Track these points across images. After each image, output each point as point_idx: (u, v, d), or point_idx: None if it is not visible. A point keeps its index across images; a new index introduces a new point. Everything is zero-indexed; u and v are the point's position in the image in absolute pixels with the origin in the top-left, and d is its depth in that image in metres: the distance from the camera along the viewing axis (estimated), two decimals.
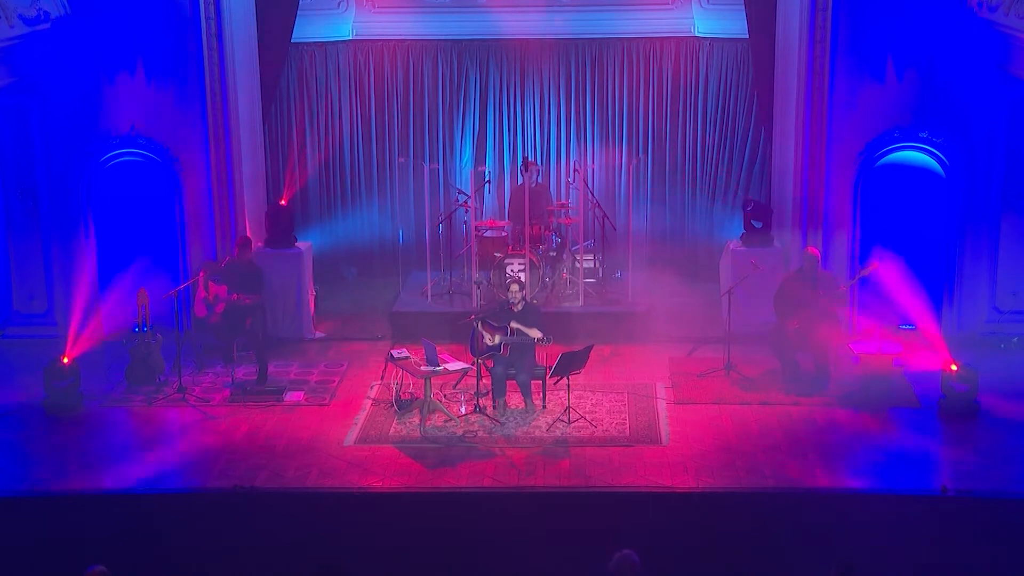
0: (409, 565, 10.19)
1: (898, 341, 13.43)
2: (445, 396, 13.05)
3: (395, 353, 12.93)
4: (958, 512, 10.44)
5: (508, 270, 15.00)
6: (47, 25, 14.21)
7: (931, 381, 12.97)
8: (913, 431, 12.35)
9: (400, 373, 12.95)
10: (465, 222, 16.00)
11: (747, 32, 15.53)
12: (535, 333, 12.56)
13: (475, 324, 12.74)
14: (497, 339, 12.59)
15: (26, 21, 14.07)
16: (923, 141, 14.42)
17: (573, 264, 15.69)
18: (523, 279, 14.60)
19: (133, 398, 13.31)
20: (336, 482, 11.25)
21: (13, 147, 14.74)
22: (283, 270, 15.06)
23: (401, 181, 17.25)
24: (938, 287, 14.67)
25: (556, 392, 12.84)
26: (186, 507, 10.81)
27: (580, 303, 15.24)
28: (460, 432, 12.28)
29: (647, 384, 13.53)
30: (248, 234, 14.83)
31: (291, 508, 10.81)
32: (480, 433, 12.26)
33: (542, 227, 15.60)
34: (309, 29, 16.42)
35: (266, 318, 14.34)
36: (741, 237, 15.29)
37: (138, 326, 13.75)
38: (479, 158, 17.11)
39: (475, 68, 17.10)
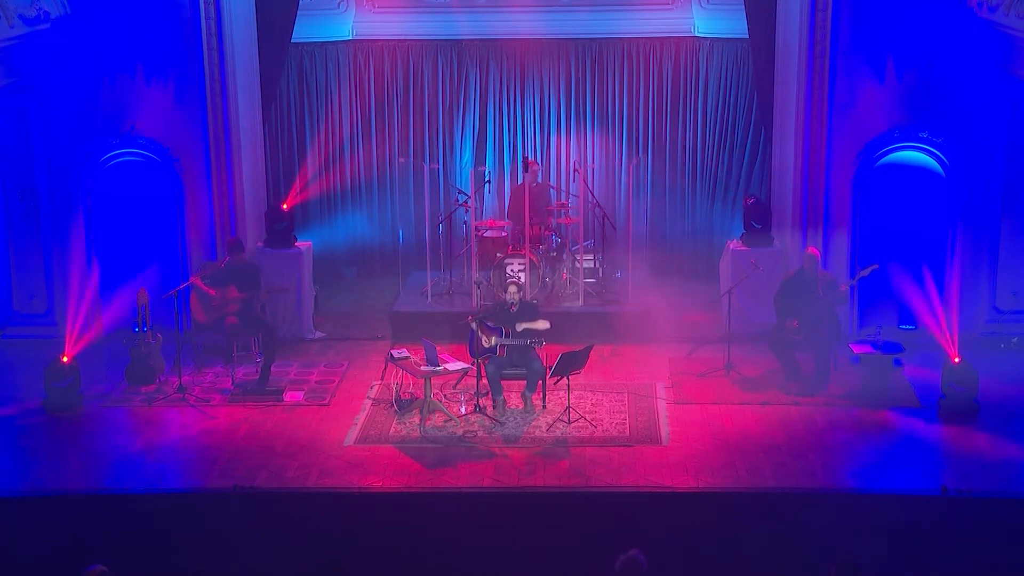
0: (409, 565, 10.19)
1: (898, 341, 13.43)
2: (445, 396, 13.05)
3: (395, 353, 12.93)
4: (958, 512, 10.44)
5: (508, 270, 15.00)
6: (47, 25, 14.21)
7: (931, 381, 12.98)
8: (913, 431, 12.35)
9: (400, 373, 12.95)
10: (465, 222, 15.99)
11: (747, 32, 15.53)
12: (542, 324, 12.57)
13: (473, 325, 12.74)
14: (494, 340, 12.59)
15: (26, 21, 14.07)
16: (923, 141, 14.42)
17: (573, 264, 15.69)
18: (522, 279, 14.61)
19: (133, 398, 13.31)
20: (336, 482, 11.25)
21: (13, 147, 14.74)
22: (283, 270, 15.06)
23: (401, 181, 17.25)
24: (938, 287, 14.66)
25: (556, 392, 12.84)
26: (186, 507, 10.81)
27: (580, 303, 15.24)
28: (460, 432, 12.28)
29: (647, 384, 13.52)
30: (240, 235, 14.79)
31: (291, 508, 10.81)
32: (480, 433, 12.26)
33: (542, 227, 15.59)
34: (309, 29, 16.41)
35: (268, 315, 14.38)
36: (741, 237, 15.29)
37: (138, 326, 13.75)
38: (479, 158, 17.10)
39: (475, 68, 17.09)
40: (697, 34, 16.73)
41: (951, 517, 10.40)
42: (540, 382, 12.71)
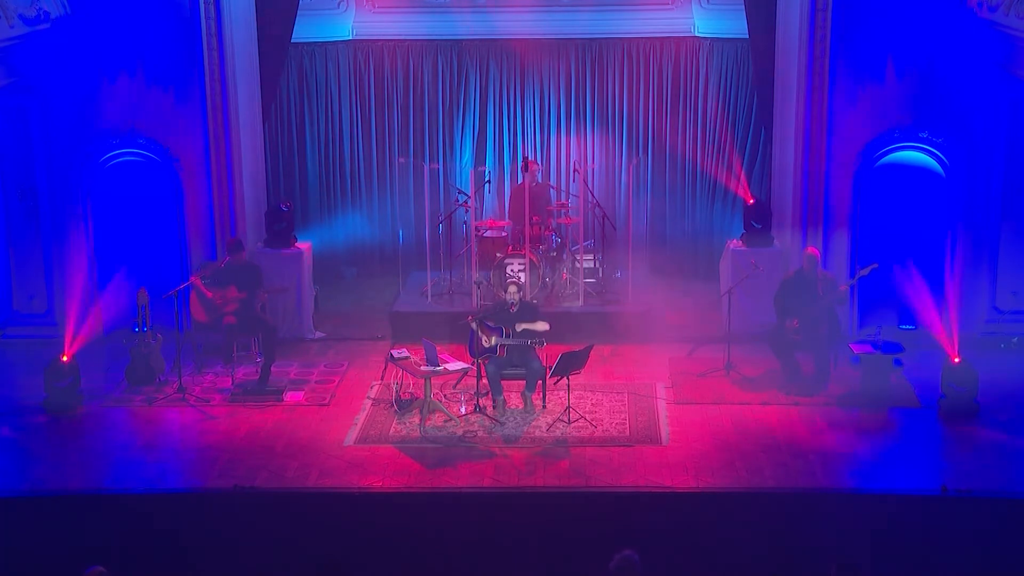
0: (409, 565, 10.20)
1: (898, 341, 13.43)
2: (445, 396, 13.04)
3: (395, 353, 12.93)
4: (958, 512, 10.45)
5: (508, 270, 15.00)
6: (47, 25, 14.21)
7: (931, 381, 12.97)
8: (913, 431, 12.35)
9: (400, 373, 12.95)
10: (465, 222, 15.99)
11: (747, 32, 15.52)
12: (541, 326, 12.56)
13: (473, 325, 12.74)
14: (494, 340, 12.59)
15: (26, 21, 14.07)
16: (923, 141, 14.42)
17: (573, 264, 15.69)
18: (522, 279, 14.62)
19: (133, 398, 13.31)
20: (336, 482, 11.25)
21: (13, 147, 14.73)
22: (283, 270, 15.06)
23: (401, 181, 17.24)
24: (938, 287, 14.67)
25: (556, 392, 12.84)
26: (186, 507, 10.81)
27: (580, 303, 15.24)
28: (460, 432, 12.28)
29: (647, 384, 13.52)
30: (240, 235, 14.79)
31: (291, 508, 10.81)
32: (480, 433, 12.26)
33: (542, 227, 15.59)
34: (309, 29, 16.41)
35: (268, 316, 14.38)
36: (741, 237, 15.30)
37: (138, 326, 13.75)
38: (479, 158, 17.10)
39: (475, 68, 17.09)
40: (697, 34, 16.73)
41: (951, 517, 10.40)
42: (540, 382, 12.71)
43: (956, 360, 12.60)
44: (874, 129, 14.45)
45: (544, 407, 12.76)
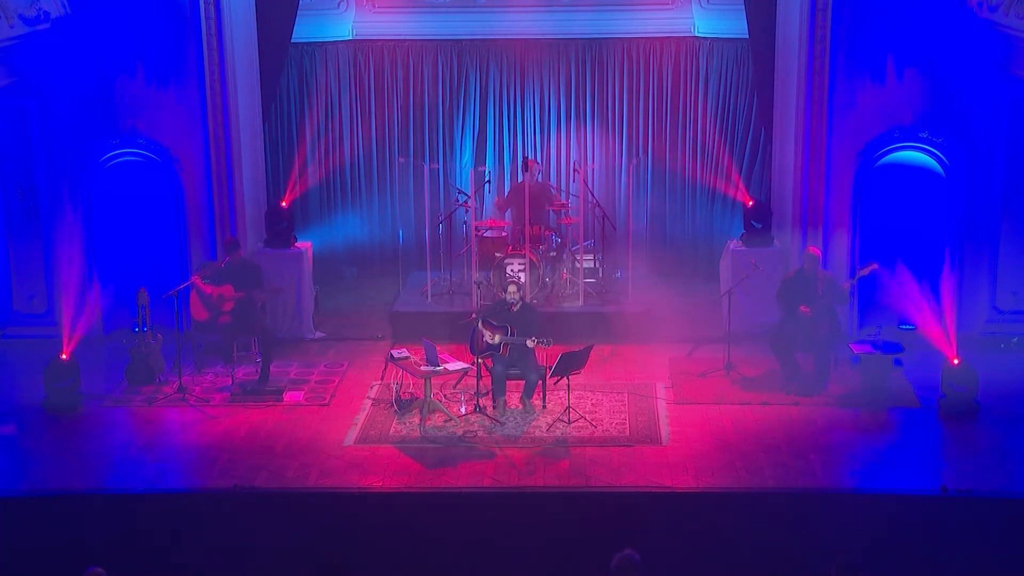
0: (408, 565, 10.20)
1: (898, 341, 13.43)
2: (445, 396, 13.04)
3: (395, 353, 12.93)
4: (958, 512, 10.45)
5: (508, 270, 14.99)
6: (47, 25, 14.21)
7: (931, 381, 12.97)
8: (913, 431, 12.36)
9: (400, 373, 12.95)
10: (465, 222, 15.98)
11: (747, 32, 15.52)
12: (530, 343, 12.51)
13: (476, 322, 12.73)
14: (497, 338, 12.58)
15: (26, 21, 14.07)
16: (923, 141, 14.42)
17: (573, 264, 15.69)
18: (523, 279, 14.62)
19: (133, 398, 13.31)
20: (336, 482, 11.25)
21: (13, 147, 14.74)
22: (283, 270, 15.06)
23: (401, 181, 17.24)
24: (938, 287, 14.66)
25: (556, 392, 12.84)
26: (186, 507, 10.81)
27: (580, 303, 15.24)
28: (460, 432, 12.28)
29: (647, 384, 13.52)
30: (240, 235, 14.81)
31: (291, 508, 10.81)
32: (480, 433, 12.26)
33: (542, 227, 15.59)
34: (309, 29, 16.41)
35: (266, 316, 14.38)
36: (741, 237, 15.30)
37: (138, 326, 13.76)
38: (479, 158, 17.10)
39: (475, 68, 17.09)
40: (697, 34, 16.72)
41: (951, 517, 10.40)
42: (540, 383, 12.70)
43: (956, 360, 12.60)
44: (874, 129, 14.45)
45: (544, 407, 12.75)
